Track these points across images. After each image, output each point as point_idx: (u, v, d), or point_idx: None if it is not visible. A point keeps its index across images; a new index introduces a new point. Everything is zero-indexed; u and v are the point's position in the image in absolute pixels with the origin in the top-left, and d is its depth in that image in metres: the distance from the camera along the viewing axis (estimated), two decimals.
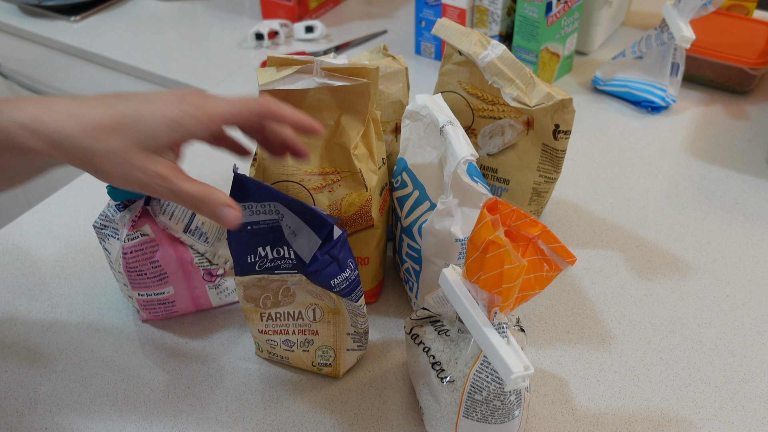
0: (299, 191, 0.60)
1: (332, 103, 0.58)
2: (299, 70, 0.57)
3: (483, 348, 0.48)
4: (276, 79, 0.56)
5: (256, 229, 0.55)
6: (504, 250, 0.45)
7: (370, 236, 0.64)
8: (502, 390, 0.49)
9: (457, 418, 0.52)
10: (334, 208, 0.61)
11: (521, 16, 0.98)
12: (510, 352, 0.46)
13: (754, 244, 0.76)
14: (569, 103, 0.66)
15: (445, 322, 0.54)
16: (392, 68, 0.67)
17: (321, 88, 0.57)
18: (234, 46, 1.17)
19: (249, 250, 0.57)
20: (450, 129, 0.58)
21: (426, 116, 0.61)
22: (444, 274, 0.50)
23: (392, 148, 0.70)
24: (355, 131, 0.59)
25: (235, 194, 0.53)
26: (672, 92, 0.96)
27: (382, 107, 0.67)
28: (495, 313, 0.47)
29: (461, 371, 0.51)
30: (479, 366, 0.49)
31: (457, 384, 0.51)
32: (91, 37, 1.20)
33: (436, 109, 0.61)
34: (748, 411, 0.59)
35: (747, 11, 1.10)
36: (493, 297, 0.47)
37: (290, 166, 0.59)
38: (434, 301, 0.54)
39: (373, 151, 0.61)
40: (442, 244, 0.59)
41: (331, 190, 0.60)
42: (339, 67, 0.57)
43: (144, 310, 0.66)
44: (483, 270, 0.46)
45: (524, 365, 0.46)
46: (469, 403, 0.51)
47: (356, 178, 0.60)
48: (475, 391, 0.50)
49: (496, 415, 0.51)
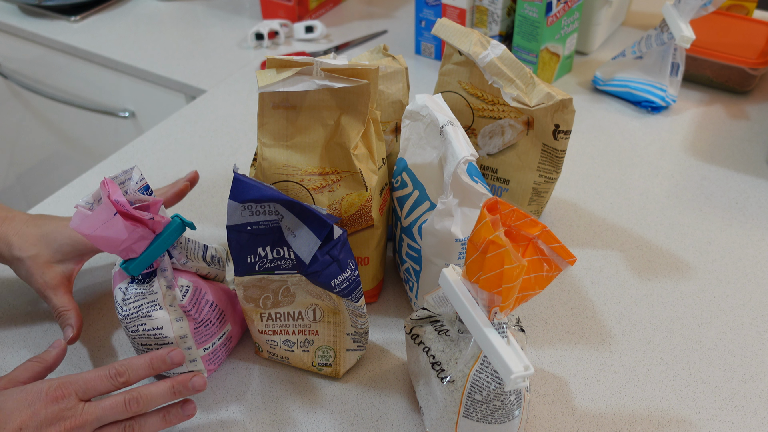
0: (299, 191, 0.60)
1: (332, 103, 0.58)
2: (299, 72, 0.57)
3: (483, 348, 0.48)
4: (276, 81, 0.56)
5: (255, 230, 0.55)
6: (504, 250, 0.45)
7: (370, 236, 0.64)
8: (502, 390, 0.49)
9: (457, 418, 0.52)
10: (334, 208, 0.61)
11: (521, 16, 0.98)
12: (510, 352, 0.46)
13: (754, 244, 0.76)
14: (569, 103, 0.66)
15: (445, 322, 0.55)
16: (392, 68, 0.67)
17: (321, 89, 0.57)
18: (234, 46, 1.17)
19: (249, 251, 0.57)
20: (450, 129, 0.58)
21: (426, 116, 0.61)
22: (444, 274, 0.50)
23: (392, 148, 0.70)
24: (355, 131, 0.59)
25: (234, 194, 0.53)
26: (672, 92, 0.96)
27: (382, 107, 0.67)
28: (495, 313, 0.48)
29: (461, 371, 0.51)
30: (479, 366, 0.49)
31: (457, 384, 0.51)
32: (91, 37, 1.20)
33: (436, 109, 0.61)
34: (748, 411, 0.59)
35: (747, 11, 1.10)
36: (493, 297, 0.47)
37: (290, 167, 0.59)
38: (434, 301, 0.54)
39: (373, 152, 0.61)
40: (442, 244, 0.59)
41: (331, 190, 0.60)
42: (339, 68, 0.57)
43: (210, 364, 0.61)
44: (483, 270, 0.46)
45: (524, 365, 0.46)
46: (469, 403, 0.51)
47: (356, 178, 0.60)
48: (475, 391, 0.50)
49: (496, 415, 0.51)
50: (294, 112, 0.58)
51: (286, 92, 0.57)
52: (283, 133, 0.59)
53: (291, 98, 0.58)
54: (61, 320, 0.63)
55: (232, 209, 0.54)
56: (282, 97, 0.57)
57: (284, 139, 0.59)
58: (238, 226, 0.55)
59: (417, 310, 0.56)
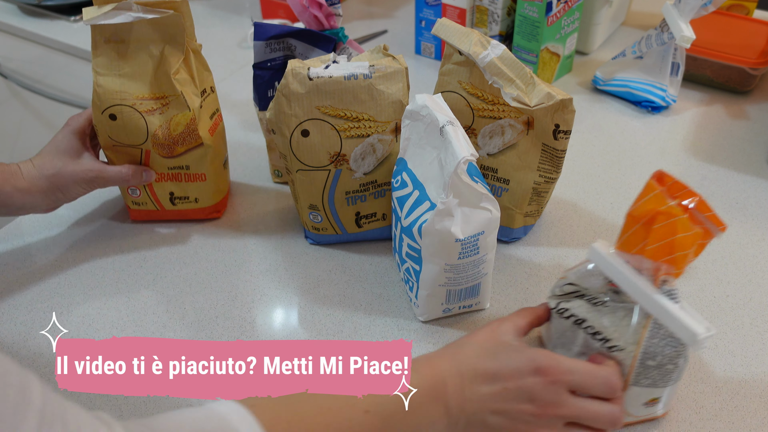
0: (132, 114, 0.70)
1: (156, 37, 0.69)
2: (117, 7, 0.66)
3: (656, 315, 0.50)
4: (98, 15, 0.65)
5: (274, 65, 0.74)
6: (679, 219, 0.48)
7: (203, 154, 0.74)
8: (678, 353, 0.52)
9: (626, 386, 0.53)
10: (164, 129, 0.71)
11: (521, 15, 0.98)
12: (689, 316, 0.49)
13: (754, 244, 0.76)
14: (569, 103, 0.66)
15: (594, 294, 0.56)
16: (392, 68, 0.67)
17: (144, 23, 0.67)
18: (234, 46, 1.17)
19: (269, 86, 0.74)
20: (450, 129, 0.58)
21: (426, 116, 0.61)
22: (595, 249, 0.53)
23: (392, 148, 0.70)
24: (175, 59, 0.69)
25: (258, 35, 0.71)
26: (672, 92, 0.96)
27: (382, 107, 0.68)
28: (664, 281, 0.50)
29: (629, 340, 0.52)
30: (650, 332, 0.51)
31: (626, 352, 0.52)
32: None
33: (436, 109, 0.61)
34: (748, 411, 0.59)
35: (747, 11, 1.10)
36: (660, 266, 0.49)
37: (123, 92, 0.69)
38: (577, 276, 0.56)
39: (194, 78, 0.72)
40: (442, 244, 0.59)
41: (161, 112, 0.70)
42: (151, 2, 0.67)
43: None
44: (648, 241, 0.49)
45: (705, 327, 0.48)
46: (641, 370, 0.52)
47: (179, 100, 0.70)
48: (648, 357, 0.52)
49: (666, 378, 0.53)
50: (123, 45, 0.69)
51: (114, 27, 0.67)
52: (115, 64, 0.69)
53: (119, 33, 0.68)
54: (134, 177, 0.73)
55: (258, 48, 0.72)
56: (111, 32, 0.68)
57: (116, 69, 0.69)
58: (261, 63, 0.74)
59: (562, 285, 0.58)
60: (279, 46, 0.73)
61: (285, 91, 0.65)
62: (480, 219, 0.59)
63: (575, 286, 0.57)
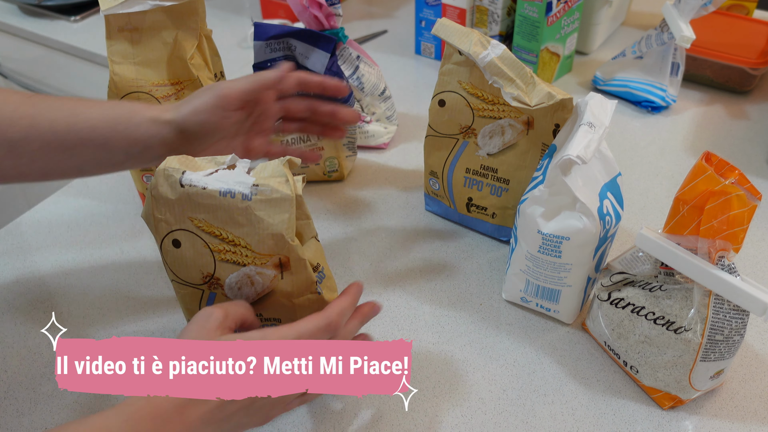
0: (149, 100, 0.69)
1: (169, 23, 0.68)
2: None
3: (720, 291, 0.51)
4: (115, 4, 0.65)
5: (275, 65, 0.71)
6: (734, 196, 0.49)
7: None
8: (744, 324, 0.53)
9: (694, 363, 0.55)
10: None
11: (521, 15, 0.98)
12: (753, 288, 0.51)
13: (754, 244, 0.76)
14: (569, 102, 0.66)
15: (645, 279, 0.57)
16: (279, 194, 0.50)
17: (157, 10, 0.66)
18: (234, 46, 1.17)
19: None
20: (583, 129, 0.57)
21: (582, 113, 0.61)
22: (645, 235, 0.54)
23: (275, 284, 0.55)
24: (189, 44, 0.69)
25: (258, 35, 0.72)
26: (672, 92, 0.96)
27: (261, 237, 0.52)
28: (721, 257, 0.52)
29: (693, 318, 0.53)
30: (714, 309, 0.53)
31: (693, 330, 0.53)
32: (91, 37, 1.20)
33: (592, 109, 0.60)
34: (748, 411, 0.59)
35: (747, 11, 1.10)
36: (715, 243, 0.51)
37: (139, 79, 0.69)
38: (623, 264, 0.57)
39: (208, 62, 0.73)
40: (528, 228, 0.61)
41: (177, 97, 0.70)
42: None
43: None
44: (703, 221, 0.50)
45: None
46: (709, 345, 0.54)
47: (196, 84, 0.70)
48: (716, 332, 0.53)
49: (733, 349, 0.54)
50: (137, 33, 0.68)
51: (128, 16, 0.66)
52: (130, 52, 0.69)
53: (133, 21, 0.67)
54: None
55: (258, 48, 0.73)
56: (125, 21, 0.67)
57: (131, 57, 0.69)
58: (261, 63, 0.74)
59: (610, 276, 0.59)
60: (279, 46, 0.74)
61: (154, 192, 0.52)
62: (568, 224, 0.58)
63: (624, 274, 0.58)
